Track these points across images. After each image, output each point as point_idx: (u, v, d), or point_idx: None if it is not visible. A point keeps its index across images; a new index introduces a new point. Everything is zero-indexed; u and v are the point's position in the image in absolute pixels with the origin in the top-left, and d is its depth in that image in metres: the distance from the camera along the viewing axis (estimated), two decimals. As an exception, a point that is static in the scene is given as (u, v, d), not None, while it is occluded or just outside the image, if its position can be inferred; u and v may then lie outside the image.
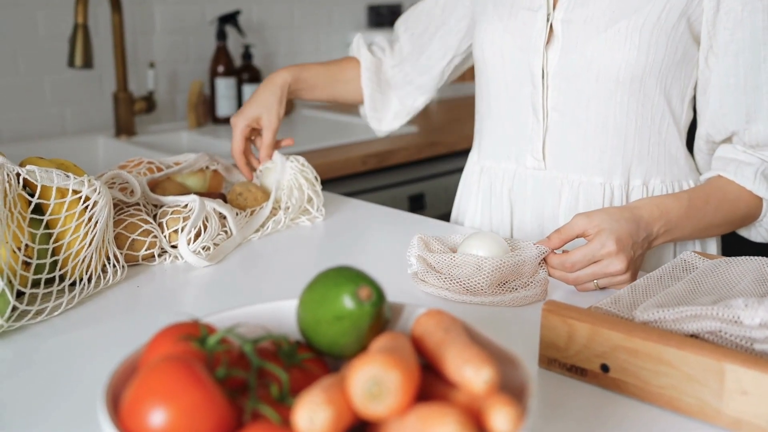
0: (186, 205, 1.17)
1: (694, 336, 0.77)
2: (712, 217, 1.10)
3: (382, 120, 1.48)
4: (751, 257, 0.92)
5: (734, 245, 1.39)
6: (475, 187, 1.34)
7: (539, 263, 1.03)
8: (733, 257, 0.94)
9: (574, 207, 1.21)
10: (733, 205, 1.12)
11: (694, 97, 1.19)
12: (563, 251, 1.03)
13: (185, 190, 1.29)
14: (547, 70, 1.18)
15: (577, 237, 1.02)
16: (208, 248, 1.16)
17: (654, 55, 1.12)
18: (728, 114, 1.13)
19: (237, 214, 1.25)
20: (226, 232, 1.20)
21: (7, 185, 0.93)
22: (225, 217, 1.22)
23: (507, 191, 1.28)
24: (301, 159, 1.35)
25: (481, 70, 1.29)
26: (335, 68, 1.46)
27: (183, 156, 1.35)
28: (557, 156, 1.21)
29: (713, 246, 1.27)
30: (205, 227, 1.16)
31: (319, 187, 1.35)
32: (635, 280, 0.99)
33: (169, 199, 1.19)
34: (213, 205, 1.19)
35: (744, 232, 1.20)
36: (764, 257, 0.92)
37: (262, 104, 1.35)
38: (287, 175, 1.32)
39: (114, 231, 1.10)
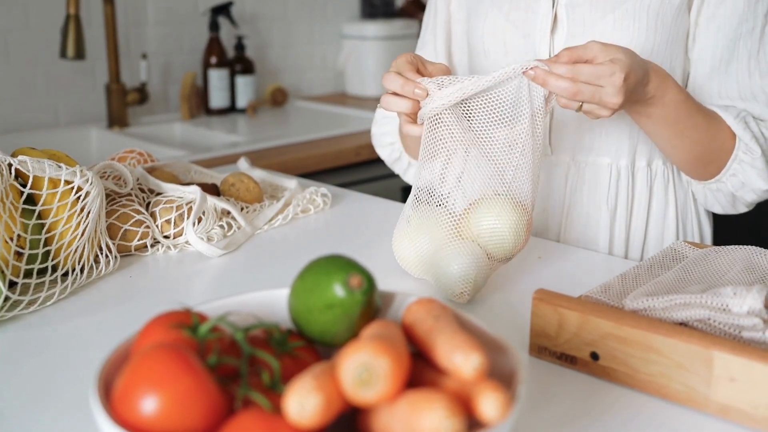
0: (180, 196, 1.17)
1: (683, 324, 0.77)
2: (693, 130, 1.09)
3: None
4: (741, 246, 0.93)
5: (723, 234, 1.40)
6: None
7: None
8: (723, 246, 0.94)
9: (580, 186, 1.22)
10: (713, 129, 1.10)
11: None
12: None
13: (178, 181, 1.29)
14: (553, 55, 1.18)
15: (586, 61, 0.97)
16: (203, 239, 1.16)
17: (661, 35, 1.13)
18: (703, 86, 1.15)
19: (242, 209, 1.26)
20: (222, 226, 1.19)
21: (-2, 175, 0.93)
22: (228, 213, 1.22)
23: None
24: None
25: (480, 61, 1.28)
26: None
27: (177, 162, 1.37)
28: (564, 140, 1.22)
29: (707, 230, 1.27)
30: (200, 220, 1.16)
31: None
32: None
33: (170, 187, 1.19)
34: (215, 202, 1.19)
35: (700, 196, 1.19)
36: (753, 246, 0.93)
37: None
38: None
39: (106, 221, 1.10)
